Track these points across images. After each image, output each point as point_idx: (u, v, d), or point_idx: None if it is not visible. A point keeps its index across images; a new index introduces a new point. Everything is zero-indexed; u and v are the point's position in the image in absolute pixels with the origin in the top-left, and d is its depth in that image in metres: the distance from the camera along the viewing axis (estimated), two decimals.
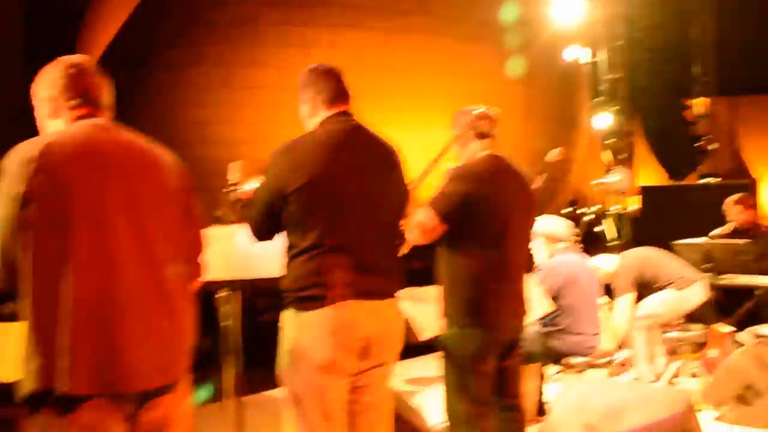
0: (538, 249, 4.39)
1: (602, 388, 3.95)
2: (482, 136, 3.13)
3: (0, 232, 1.86)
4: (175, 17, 13.72)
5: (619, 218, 8.76)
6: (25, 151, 1.89)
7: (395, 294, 2.58)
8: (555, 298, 4.27)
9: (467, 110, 3.17)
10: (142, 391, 1.92)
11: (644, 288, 5.02)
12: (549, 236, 4.48)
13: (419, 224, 2.98)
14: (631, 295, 4.96)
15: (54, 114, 2.06)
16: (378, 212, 2.54)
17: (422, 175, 3.21)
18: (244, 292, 3.34)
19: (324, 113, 2.59)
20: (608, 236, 8.59)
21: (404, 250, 2.95)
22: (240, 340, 3.35)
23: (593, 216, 9.05)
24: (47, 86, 2.07)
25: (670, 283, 4.93)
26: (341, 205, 2.45)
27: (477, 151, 3.14)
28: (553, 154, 3.92)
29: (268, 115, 12.50)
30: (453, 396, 3.07)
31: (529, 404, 3.87)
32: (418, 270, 3.31)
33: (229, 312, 3.38)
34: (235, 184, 3.01)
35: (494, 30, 10.61)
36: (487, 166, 3.09)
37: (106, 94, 2.11)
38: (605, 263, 5.06)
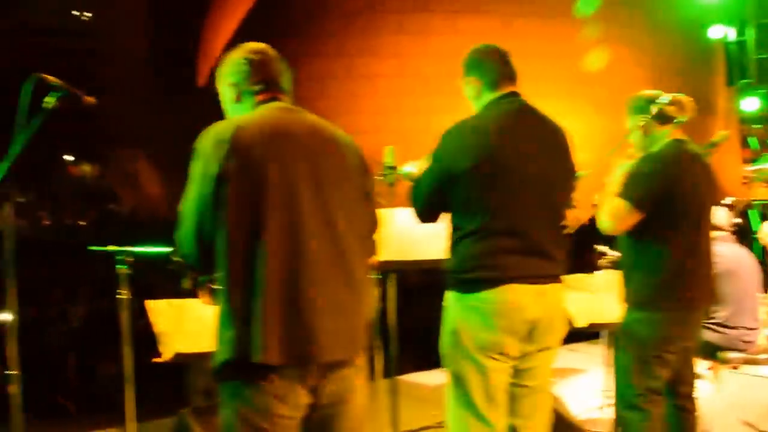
0: None
1: (762, 386, 3.75)
2: (667, 121, 3.03)
3: (196, 210, 1.96)
4: (294, 9, 14.07)
5: (765, 209, 8.27)
6: (217, 133, 1.98)
7: (561, 278, 2.55)
8: None
9: (651, 96, 3.06)
10: (327, 363, 1.98)
11: None
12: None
13: (614, 213, 2.92)
14: None
15: (238, 98, 2.16)
16: (547, 194, 2.51)
17: (608, 165, 3.13)
18: (400, 274, 3.37)
19: (490, 95, 2.58)
20: (754, 228, 8.12)
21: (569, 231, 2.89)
22: (395, 322, 3.39)
23: (737, 207, 8.58)
24: (232, 72, 2.16)
25: None
26: (511, 187, 2.43)
27: (662, 136, 3.04)
28: (721, 136, 3.72)
29: (388, 104, 12.63)
30: (626, 380, 3.01)
31: None
32: None
33: (383, 294, 3.42)
34: (392, 168, 3.03)
35: (622, 10, 10.25)
36: (676, 151, 3.01)
37: (287, 79, 2.18)
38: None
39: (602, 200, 2.98)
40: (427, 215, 2.61)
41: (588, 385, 5.06)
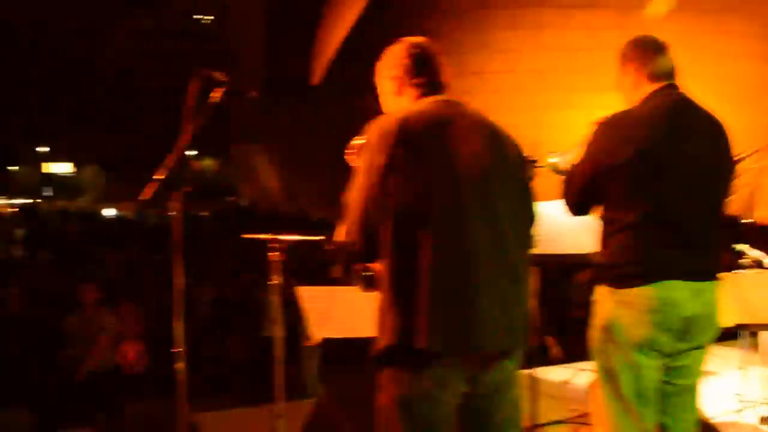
0: None
1: None
2: None
3: (362, 200, 2.01)
4: (406, 7, 14.20)
5: None
6: (383, 125, 2.04)
7: (718, 275, 2.50)
8: None
9: None
10: (488, 353, 2.01)
11: None
12: None
13: None
14: None
15: (399, 92, 2.21)
16: (706, 188, 2.47)
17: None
18: (542, 268, 3.38)
19: (649, 86, 2.54)
20: None
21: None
22: (538, 316, 3.40)
23: None
24: (393, 66, 2.21)
25: None
26: (670, 181, 2.40)
27: None
28: None
29: (498, 100, 12.54)
30: None
31: None
32: None
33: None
34: (533, 161, 3.03)
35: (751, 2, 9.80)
36: None
37: (446, 73, 2.22)
38: None
39: (760, 193, 2.89)
40: (580, 207, 2.59)
41: (723, 388, 4.91)
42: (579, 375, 5.12)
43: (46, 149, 35.08)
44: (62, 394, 5.59)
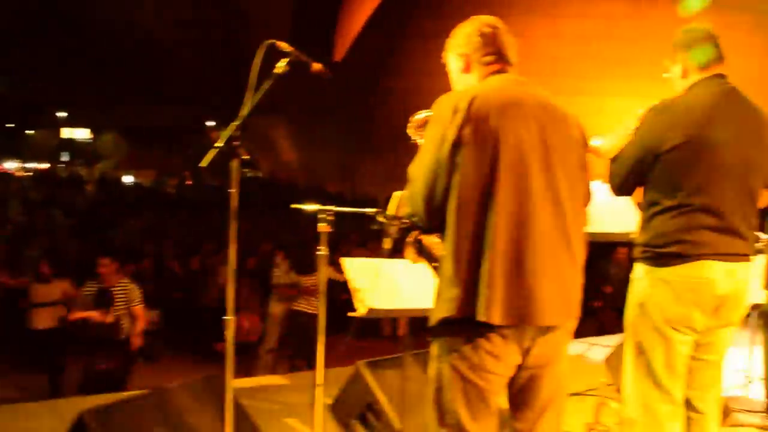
0: None
1: None
2: None
3: (429, 172, 2.06)
4: None
5: None
6: (453, 101, 2.08)
7: (750, 257, 2.62)
8: None
9: None
10: (543, 326, 2.08)
11: None
12: None
13: None
14: None
15: (467, 68, 2.26)
16: (745, 176, 2.57)
17: None
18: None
19: (698, 75, 2.62)
20: None
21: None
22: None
23: None
24: (463, 43, 2.26)
25: None
26: (713, 167, 2.50)
27: None
28: None
29: None
30: None
31: None
32: None
33: None
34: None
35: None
36: None
37: (515, 52, 2.27)
38: None
39: None
40: (625, 188, 2.69)
41: (731, 365, 5.03)
42: (592, 349, 5.28)
43: (64, 114, 35.07)
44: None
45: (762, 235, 4.26)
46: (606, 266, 9.11)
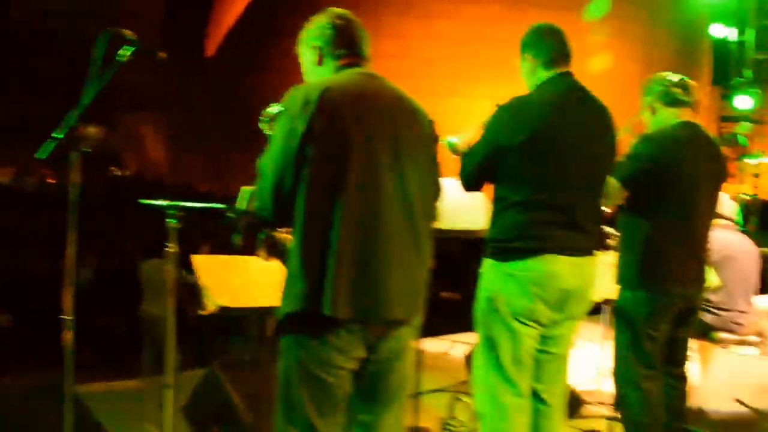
0: None
1: (754, 366, 3.98)
2: (675, 103, 3.13)
3: (278, 165, 2.03)
4: None
5: (748, 204, 8.51)
6: (306, 93, 2.06)
7: (595, 252, 2.70)
8: None
9: (660, 77, 3.18)
10: (390, 320, 2.09)
11: None
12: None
13: (605, 190, 2.95)
14: None
15: (320, 61, 2.24)
16: (590, 172, 2.65)
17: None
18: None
19: (545, 73, 2.68)
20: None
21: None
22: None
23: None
24: (316, 36, 2.24)
25: None
26: (559, 163, 2.56)
27: (669, 118, 3.14)
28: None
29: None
30: (623, 358, 3.14)
31: None
32: None
33: None
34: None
35: (627, 7, 10.45)
36: (679, 133, 3.10)
37: (368, 46, 2.27)
38: None
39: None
40: (474, 184, 2.72)
41: (584, 359, 5.28)
42: (455, 347, 5.37)
43: None
44: None
45: (613, 232, 4.51)
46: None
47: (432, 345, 5.53)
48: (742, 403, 3.70)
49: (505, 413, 2.62)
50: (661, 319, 3.09)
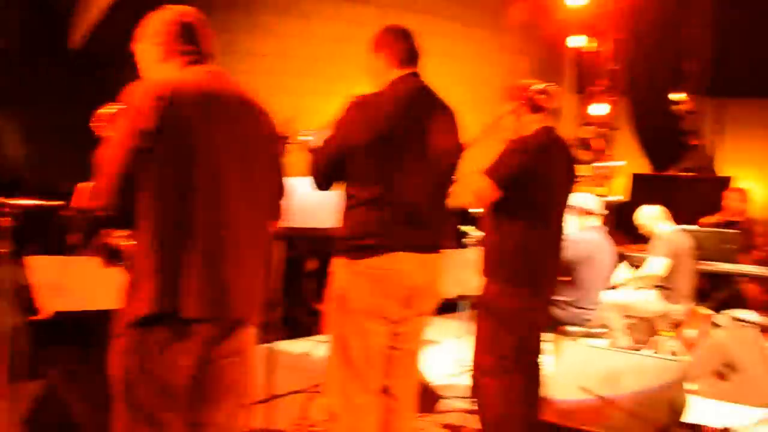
0: (570, 221, 4.53)
1: (601, 356, 4.19)
2: (538, 109, 3.22)
3: (122, 161, 1.97)
4: None
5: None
6: (149, 89, 2.01)
7: (441, 249, 2.76)
8: (568, 271, 4.49)
9: (524, 84, 3.26)
10: (235, 319, 2.08)
11: None
12: (582, 210, 4.72)
13: (476, 191, 3.08)
14: None
15: (164, 59, 2.18)
16: (435, 171, 2.70)
17: (473, 142, 3.30)
18: (288, 241, 3.46)
19: (395, 72, 2.72)
20: None
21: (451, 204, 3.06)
22: (281, 288, 3.51)
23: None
24: (159, 32, 2.19)
25: None
26: (405, 162, 2.60)
27: (531, 123, 3.21)
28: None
29: (268, 82, 12.55)
30: (484, 350, 3.18)
31: None
32: None
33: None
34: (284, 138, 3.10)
35: (492, 13, 10.83)
36: (542, 139, 3.19)
37: (212, 43, 2.23)
38: None
39: (465, 177, 3.06)
40: (325, 183, 2.72)
41: (442, 355, 5.39)
42: (318, 347, 5.35)
43: None
44: None
45: (471, 230, 4.65)
46: None
47: (295, 345, 5.51)
48: (588, 391, 3.87)
49: (357, 411, 2.64)
50: (526, 312, 3.15)
